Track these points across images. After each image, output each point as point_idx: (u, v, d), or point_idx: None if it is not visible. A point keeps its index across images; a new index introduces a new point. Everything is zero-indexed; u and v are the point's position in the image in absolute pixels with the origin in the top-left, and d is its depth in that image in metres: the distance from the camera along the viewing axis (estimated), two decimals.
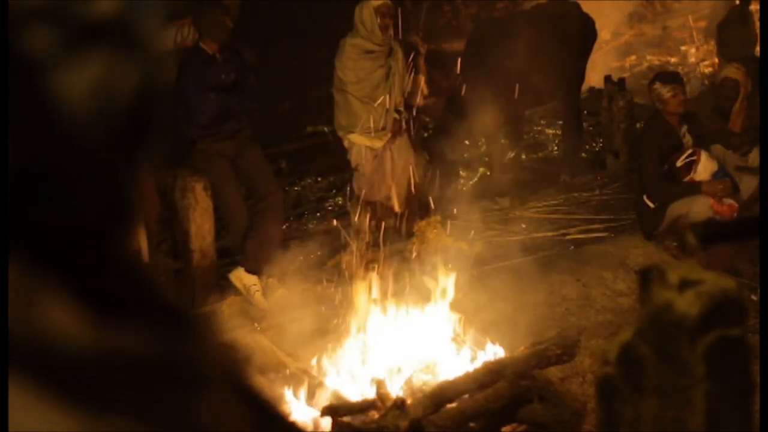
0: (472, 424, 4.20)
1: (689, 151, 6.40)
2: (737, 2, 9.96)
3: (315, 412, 4.33)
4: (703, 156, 6.39)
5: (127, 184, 0.57)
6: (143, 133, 0.57)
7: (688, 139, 6.57)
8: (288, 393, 4.48)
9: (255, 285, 6.15)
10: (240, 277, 6.17)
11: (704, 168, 6.40)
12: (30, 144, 0.52)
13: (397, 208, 7.07)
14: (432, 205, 7.26)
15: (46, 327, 0.52)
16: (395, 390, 4.36)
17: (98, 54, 0.54)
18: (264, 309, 6.08)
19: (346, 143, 6.94)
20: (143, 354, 0.55)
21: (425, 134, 8.59)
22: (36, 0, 0.52)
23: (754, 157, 6.97)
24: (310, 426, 4.33)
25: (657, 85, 6.56)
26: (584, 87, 9.41)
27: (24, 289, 0.52)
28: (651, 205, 6.53)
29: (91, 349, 0.53)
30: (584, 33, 8.33)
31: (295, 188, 8.85)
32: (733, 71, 7.22)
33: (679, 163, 6.41)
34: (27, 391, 0.50)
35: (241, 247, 6.31)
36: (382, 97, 6.77)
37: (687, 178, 6.38)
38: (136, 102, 0.55)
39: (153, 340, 0.56)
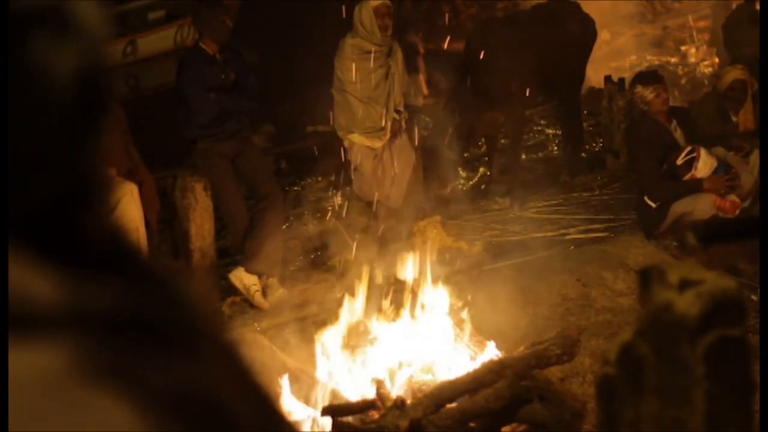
0: (472, 424, 4.20)
1: (688, 149, 6.39)
2: (740, 2, 9.93)
3: (315, 412, 4.33)
4: (703, 152, 6.38)
5: (89, 155, 0.59)
6: (93, 109, 0.59)
7: (679, 134, 6.56)
8: (288, 393, 4.48)
9: (255, 285, 6.15)
10: (240, 277, 6.17)
11: (704, 164, 6.38)
12: None
13: (396, 208, 7.07)
14: (431, 205, 7.26)
15: (17, 289, 0.52)
16: (395, 390, 4.36)
17: (35, 39, 0.55)
18: (264, 309, 6.08)
19: (346, 143, 6.94)
20: (124, 312, 0.56)
21: (424, 134, 8.59)
22: None
23: (754, 159, 6.97)
24: (310, 426, 4.33)
25: (639, 88, 6.53)
26: (584, 87, 9.41)
27: None
28: (653, 205, 6.52)
29: (67, 309, 0.53)
30: (584, 33, 8.33)
31: (295, 188, 8.86)
32: (739, 73, 7.23)
33: (679, 162, 6.39)
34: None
35: (241, 247, 6.30)
36: (381, 97, 6.77)
37: (688, 176, 6.38)
38: (81, 81, 0.57)
39: (136, 298, 0.57)
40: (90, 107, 0.59)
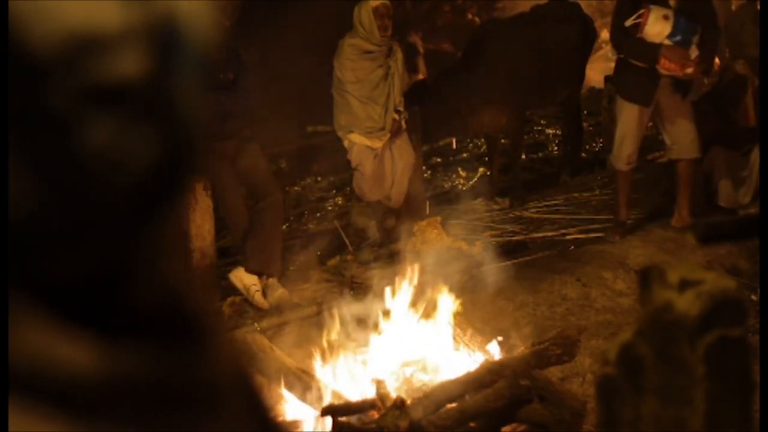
0: (472, 424, 4.20)
1: (640, 12, 6.31)
2: (742, 2, 9.91)
3: (315, 412, 4.33)
4: (651, 16, 6.28)
5: (147, 232, 0.56)
6: (166, 189, 0.56)
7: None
8: (288, 393, 4.48)
9: (255, 285, 6.15)
10: (240, 277, 6.17)
11: (652, 28, 6.29)
12: (43, 194, 0.51)
13: (396, 208, 7.07)
14: (431, 205, 7.26)
15: (43, 353, 0.51)
16: (395, 390, 4.36)
17: (116, 113, 0.51)
18: (264, 309, 6.08)
19: (346, 143, 6.94)
20: (151, 376, 0.54)
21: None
22: (55, 51, 0.50)
23: (754, 156, 6.98)
24: (309, 426, 4.33)
25: None
26: (584, 87, 9.41)
27: (23, 321, 0.51)
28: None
29: (95, 375, 0.52)
30: (584, 33, 8.33)
31: (295, 188, 8.86)
32: (741, 67, 7.25)
33: (628, 23, 6.34)
34: (29, 421, 0.50)
35: (241, 247, 6.30)
36: (381, 98, 6.77)
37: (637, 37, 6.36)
38: (158, 162, 0.53)
39: (163, 360, 0.55)
40: (163, 188, 0.55)
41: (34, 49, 0.49)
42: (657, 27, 6.27)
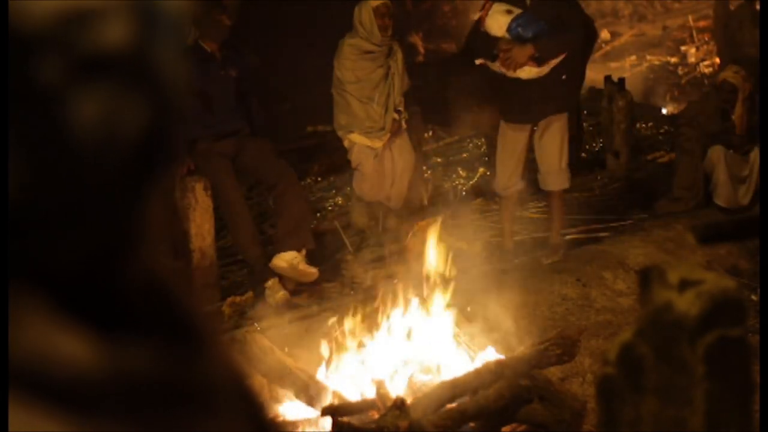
0: (472, 424, 4.20)
1: (483, 4, 6.18)
2: (740, 1, 9.92)
3: (315, 412, 4.33)
4: (493, 8, 6.13)
5: (137, 212, 0.56)
6: (153, 164, 0.56)
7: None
8: (288, 393, 4.48)
9: (296, 257, 6.17)
10: (280, 259, 6.17)
11: (494, 22, 6.12)
12: (35, 175, 0.51)
13: (396, 208, 7.07)
14: (431, 205, 7.25)
15: (43, 349, 0.51)
16: (395, 390, 4.36)
17: (104, 84, 0.52)
18: (313, 276, 6.18)
19: (346, 143, 6.94)
20: (150, 374, 0.54)
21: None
22: (42, 27, 0.50)
23: (754, 156, 6.97)
24: (310, 426, 4.33)
25: None
26: (584, 87, 9.40)
27: (24, 315, 0.51)
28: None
29: (95, 373, 0.52)
30: (584, 33, 8.31)
31: None
32: (731, 75, 7.20)
33: (475, 16, 6.27)
34: (27, 417, 0.50)
35: (244, 246, 6.31)
36: (381, 97, 6.77)
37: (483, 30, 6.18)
38: (145, 134, 0.54)
39: (162, 358, 0.55)
40: (150, 164, 0.56)
41: (20, 26, 0.50)
42: (498, 19, 6.06)
